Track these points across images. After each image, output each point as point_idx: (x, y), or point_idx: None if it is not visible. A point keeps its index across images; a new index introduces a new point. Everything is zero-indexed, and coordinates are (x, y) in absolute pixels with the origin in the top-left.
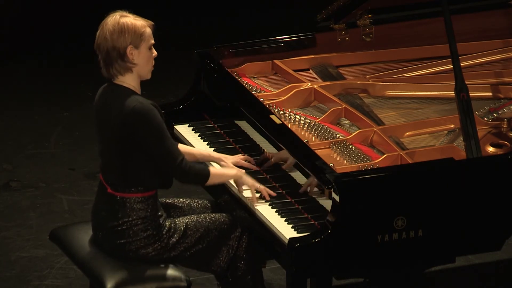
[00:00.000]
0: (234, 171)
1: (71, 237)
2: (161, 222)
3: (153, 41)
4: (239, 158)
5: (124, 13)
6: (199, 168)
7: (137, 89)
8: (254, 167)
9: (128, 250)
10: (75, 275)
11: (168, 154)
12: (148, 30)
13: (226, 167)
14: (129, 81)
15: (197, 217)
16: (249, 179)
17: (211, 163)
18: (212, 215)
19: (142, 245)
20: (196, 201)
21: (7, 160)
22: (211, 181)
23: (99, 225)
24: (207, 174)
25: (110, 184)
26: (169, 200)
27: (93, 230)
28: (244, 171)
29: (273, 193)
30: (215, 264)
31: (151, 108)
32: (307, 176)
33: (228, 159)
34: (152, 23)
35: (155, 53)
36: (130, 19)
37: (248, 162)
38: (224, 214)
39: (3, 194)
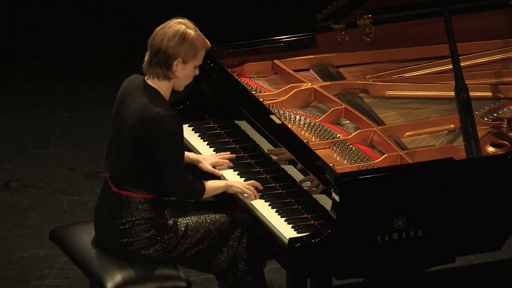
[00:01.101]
0: (223, 183)
1: (71, 237)
2: (163, 223)
3: (201, 62)
4: (217, 157)
5: (189, 24)
6: (195, 188)
7: (167, 96)
8: (231, 164)
9: (129, 250)
10: (75, 275)
11: (172, 170)
12: (203, 52)
13: (216, 181)
14: (163, 86)
15: (197, 218)
16: (237, 188)
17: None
18: (212, 216)
19: (144, 246)
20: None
21: (7, 160)
22: (205, 196)
23: (101, 222)
24: (202, 191)
25: (115, 182)
26: (171, 199)
27: (95, 228)
28: (230, 182)
29: (260, 186)
30: (215, 265)
31: (175, 120)
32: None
33: (206, 160)
34: (210, 45)
35: (197, 72)
36: (194, 33)
37: (226, 156)
38: (224, 215)
39: (3, 194)
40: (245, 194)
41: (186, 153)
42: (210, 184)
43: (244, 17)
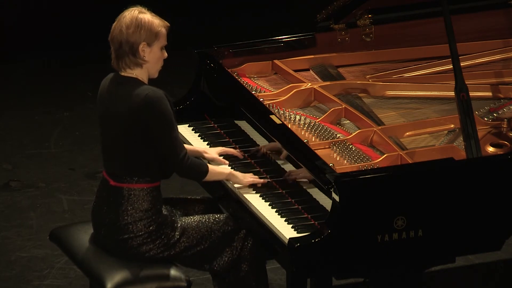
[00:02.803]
0: (228, 170)
1: (71, 237)
2: (163, 218)
3: (166, 43)
4: (221, 149)
5: (143, 10)
6: (199, 164)
7: (146, 81)
8: (240, 155)
9: (129, 247)
10: (75, 275)
11: (172, 146)
12: (164, 31)
13: (221, 166)
14: (138, 73)
15: (200, 217)
16: (239, 178)
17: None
18: (216, 216)
19: (144, 242)
20: (200, 200)
21: (7, 160)
22: (208, 178)
23: (101, 221)
24: (205, 170)
25: (112, 176)
26: (173, 197)
27: (95, 229)
28: (233, 172)
29: (260, 181)
30: (217, 264)
31: (163, 97)
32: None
33: (212, 151)
34: (168, 24)
35: (165, 54)
36: (148, 16)
37: (233, 151)
38: (228, 216)
39: (3, 194)
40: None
41: (192, 147)
42: (214, 167)
43: (244, 17)
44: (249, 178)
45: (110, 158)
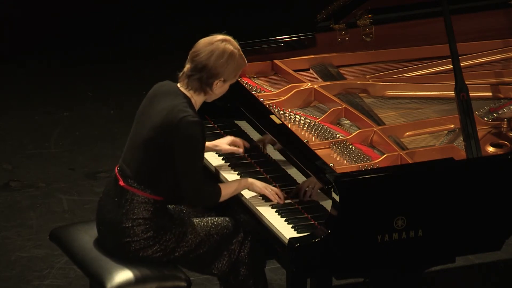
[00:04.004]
0: (243, 183)
1: (71, 237)
2: (162, 224)
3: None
4: (230, 138)
5: (235, 44)
6: (210, 194)
7: (197, 106)
8: (247, 144)
9: (128, 251)
10: (75, 275)
11: (190, 175)
12: (240, 71)
13: (235, 180)
14: (195, 97)
15: (199, 221)
16: (258, 187)
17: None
18: (214, 219)
19: (142, 247)
20: None
21: (7, 160)
22: (222, 199)
23: (103, 217)
24: (217, 198)
25: (123, 176)
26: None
27: (97, 223)
28: (252, 180)
29: (281, 200)
30: (216, 268)
31: (198, 125)
32: (307, 176)
33: (222, 142)
34: (247, 64)
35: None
36: (238, 53)
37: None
38: (227, 218)
39: (3, 194)
40: (253, 198)
41: None
42: (227, 187)
43: (244, 17)
44: (269, 189)
45: (127, 158)
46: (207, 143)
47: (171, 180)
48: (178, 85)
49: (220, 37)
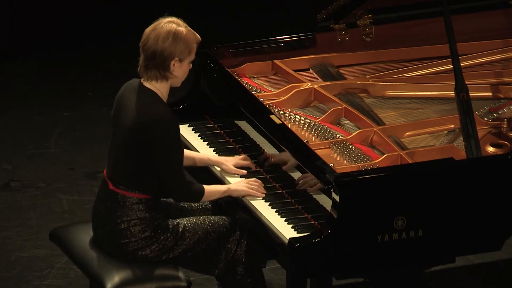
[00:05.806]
0: (224, 188)
1: (71, 237)
2: (159, 223)
3: (194, 57)
4: (238, 159)
5: (180, 22)
6: (194, 190)
7: (165, 97)
8: (253, 166)
9: (126, 251)
10: (75, 275)
11: (171, 171)
12: (196, 46)
13: (220, 186)
14: (160, 88)
15: (196, 219)
16: (241, 191)
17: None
18: (211, 218)
19: (140, 247)
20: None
21: (7, 160)
22: (204, 199)
23: (99, 223)
24: (201, 195)
25: (111, 180)
26: (169, 200)
27: (93, 229)
28: (234, 186)
29: (261, 194)
30: (213, 267)
31: (173, 121)
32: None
33: (229, 161)
34: (200, 39)
35: (191, 66)
36: (185, 30)
37: (246, 163)
38: (224, 217)
39: (3, 194)
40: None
41: (208, 156)
42: (211, 188)
43: (244, 17)
44: (248, 183)
45: (111, 162)
46: (213, 158)
47: (157, 176)
48: (142, 80)
49: (163, 20)
